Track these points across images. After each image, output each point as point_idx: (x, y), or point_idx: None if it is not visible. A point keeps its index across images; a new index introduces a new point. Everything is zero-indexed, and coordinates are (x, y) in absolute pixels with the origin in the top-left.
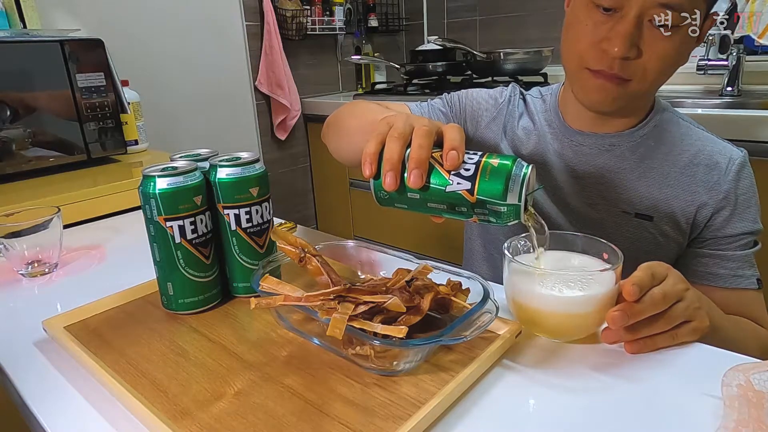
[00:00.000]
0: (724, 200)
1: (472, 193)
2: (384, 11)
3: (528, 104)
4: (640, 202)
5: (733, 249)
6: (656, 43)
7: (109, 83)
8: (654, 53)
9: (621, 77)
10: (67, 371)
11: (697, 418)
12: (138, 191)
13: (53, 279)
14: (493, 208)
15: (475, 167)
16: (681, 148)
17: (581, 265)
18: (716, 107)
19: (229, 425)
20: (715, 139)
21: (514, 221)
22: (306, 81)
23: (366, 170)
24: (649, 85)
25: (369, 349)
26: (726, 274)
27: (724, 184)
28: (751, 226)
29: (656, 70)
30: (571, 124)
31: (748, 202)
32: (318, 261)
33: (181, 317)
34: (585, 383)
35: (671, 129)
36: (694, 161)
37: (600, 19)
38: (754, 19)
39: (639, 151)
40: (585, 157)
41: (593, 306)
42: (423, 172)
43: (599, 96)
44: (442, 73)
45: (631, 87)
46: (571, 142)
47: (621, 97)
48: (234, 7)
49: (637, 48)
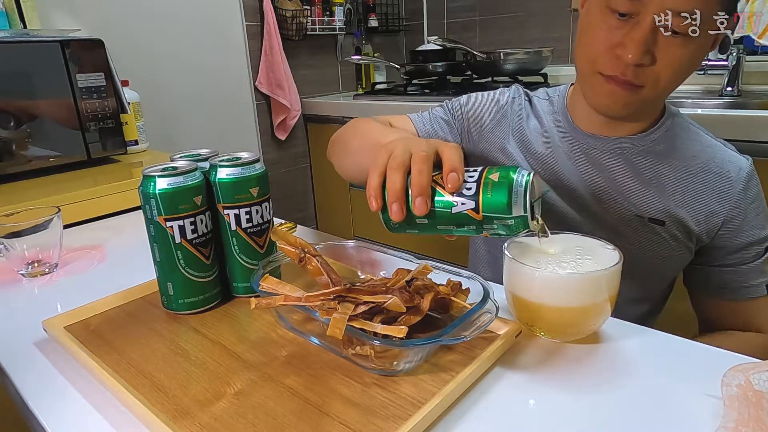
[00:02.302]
0: (734, 209)
1: (478, 212)
2: (384, 11)
3: (534, 105)
4: (653, 206)
5: (742, 261)
6: (671, 50)
7: (109, 83)
8: (668, 60)
9: (633, 84)
10: (67, 371)
11: (697, 418)
12: (138, 191)
13: (53, 279)
14: (501, 222)
15: (476, 185)
16: (692, 155)
17: (583, 244)
18: (716, 107)
19: (229, 425)
20: (723, 148)
21: (524, 230)
22: (306, 81)
23: (372, 204)
24: (660, 91)
25: (369, 349)
26: (736, 287)
27: (734, 194)
28: (759, 233)
29: (669, 77)
30: (581, 127)
31: (757, 210)
32: (318, 261)
33: (181, 317)
34: (585, 383)
35: (682, 134)
36: (706, 168)
37: (615, 24)
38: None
39: (650, 155)
40: (595, 159)
41: (592, 290)
42: (426, 198)
43: (610, 101)
44: (442, 74)
45: (643, 93)
46: (581, 145)
47: (632, 104)
48: (234, 7)
49: (652, 55)
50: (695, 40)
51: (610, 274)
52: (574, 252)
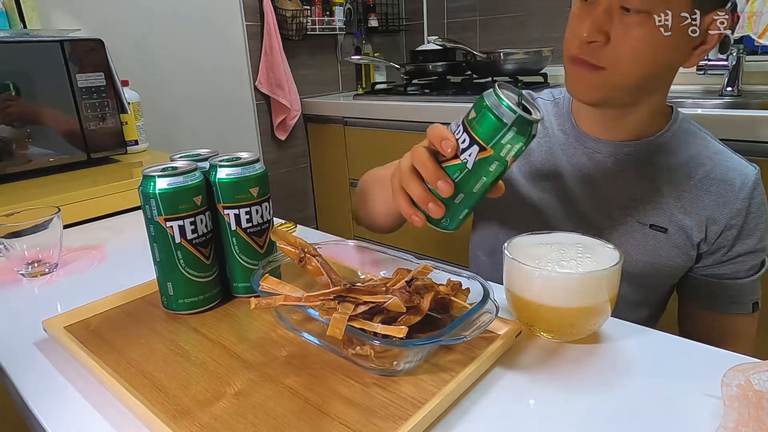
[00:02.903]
0: (735, 218)
1: (486, 149)
2: (384, 11)
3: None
4: (655, 213)
5: (736, 275)
6: (627, 30)
7: (109, 83)
8: (623, 40)
9: (592, 63)
10: (67, 371)
11: (697, 418)
12: (138, 191)
13: (53, 279)
14: (508, 138)
15: (466, 134)
16: (697, 161)
17: (583, 243)
18: (716, 107)
19: (229, 425)
20: (731, 155)
21: (535, 125)
22: (306, 81)
23: (416, 221)
24: (625, 75)
25: (369, 349)
26: (723, 303)
27: (736, 203)
28: (757, 243)
29: (629, 58)
30: (584, 129)
31: (758, 221)
32: (318, 261)
33: (181, 317)
34: (585, 383)
35: (689, 140)
36: (710, 176)
37: (582, 10)
38: (754, 19)
39: (654, 161)
40: (600, 165)
41: (592, 290)
42: (443, 178)
43: (578, 85)
44: (442, 74)
45: (607, 76)
46: (586, 149)
47: (599, 87)
48: (234, 7)
49: (605, 33)
50: (650, 21)
51: (611, 274)
52: (574, 251)
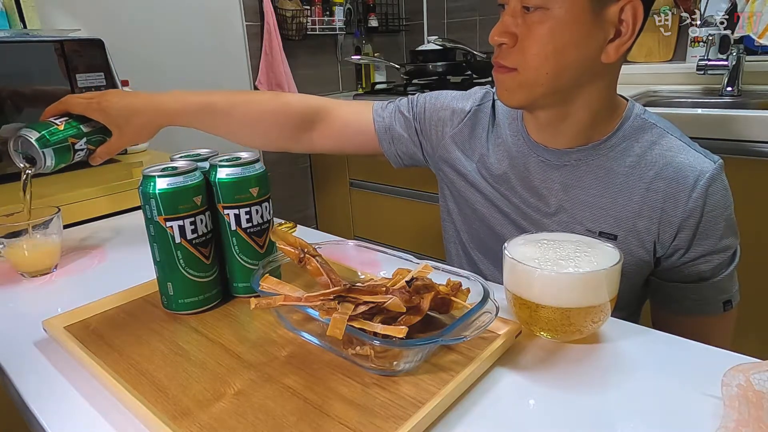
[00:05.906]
0: (689, 218)
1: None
2: (384, 11)
3: (497, 114)
4: (604, 219)
5: (699, 277)
6: (529, 29)
7: (109, 83)
8: (527, 38)
9: (505, 66)
10: (67, 371)
11: (697, 418)
12: (138, 191)
13: (53, 279)
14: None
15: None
16: (648, 161)
17: (583, 243)
18: (716, 107)
19: (229, 425)
20: (687, 149)
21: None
22: (306, 81)
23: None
24: (535, 73)
25: (369, 349)
26: (690, 305)
27: (689, 202)
28: (717, 243)
29: (534, 56)
30: (534, 138)
31: (715, 220)
32: (318, 261)
33: (181, 317)
34: (585, 383)
35: (641, 139)
36: (661, 175)
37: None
38: (754, 19)
39: (605, 165)
40: (549, 171)
41: (592, 290)
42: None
43: (499, 90)
44: (442, 73)
45: (519, 76)
46: (538, 157)
47: (515, 89)
48: (234, 7)
49: (513, 35)
50: (553, 15)
51: (610, 273)
52: (574, 251)
